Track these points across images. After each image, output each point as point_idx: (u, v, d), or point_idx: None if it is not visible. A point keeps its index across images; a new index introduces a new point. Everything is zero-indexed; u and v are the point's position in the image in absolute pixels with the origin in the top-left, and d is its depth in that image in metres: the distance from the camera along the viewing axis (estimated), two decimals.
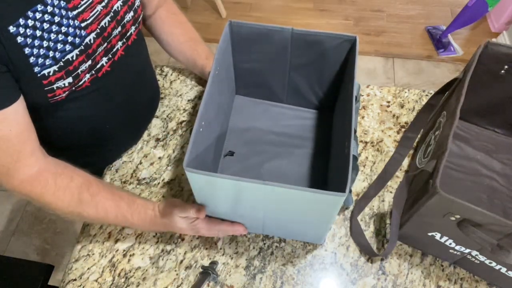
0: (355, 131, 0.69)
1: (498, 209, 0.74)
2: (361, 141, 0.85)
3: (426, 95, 0.92)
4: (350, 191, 0.73)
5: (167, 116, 0.90)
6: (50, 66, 0.57)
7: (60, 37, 0.57)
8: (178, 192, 0.79)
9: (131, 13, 0.68)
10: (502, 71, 0.72)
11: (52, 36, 0.56)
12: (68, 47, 0.58)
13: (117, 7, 0.65)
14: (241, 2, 2.41)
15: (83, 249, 0.73)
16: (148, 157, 0.84)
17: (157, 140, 0.87)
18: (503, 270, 0.62)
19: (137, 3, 0.70)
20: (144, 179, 0.81)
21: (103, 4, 0.62)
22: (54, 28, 0.56)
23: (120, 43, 0.68)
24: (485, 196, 0.76)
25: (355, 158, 0.54)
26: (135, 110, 0.81)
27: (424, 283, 0.69)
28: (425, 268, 0.70)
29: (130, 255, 0.72)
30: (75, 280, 0.70)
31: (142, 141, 0.86)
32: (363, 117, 0.89)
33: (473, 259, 0.64)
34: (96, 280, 0.70)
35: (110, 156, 0.83)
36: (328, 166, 0.77)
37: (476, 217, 0.53)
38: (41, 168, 0.60)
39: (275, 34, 0.69)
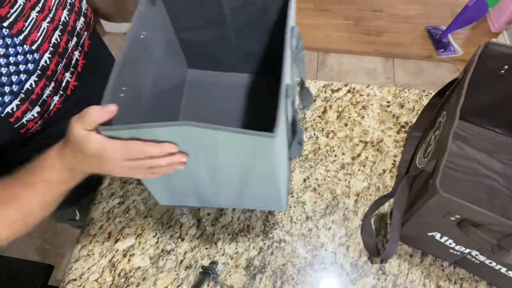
0: (303, 83, 0.65)
1: (498, 209, 0.74)
2: (361, 141, 0.85)
3: (426, 95, 0.92)
4: (301, 143, 0.64)
5: None
6: (11, 102, 0.53)
7: (12, 68, 0.52)
8: None
9: (82, 19, 0.64)
10: (502, 71, 0.72)
11: (3, 70, 0.51)
12: (23, 76, 0.54)
13: (65, 18, 0.61)
14: None
15: (83, 249, 0.73)
16: None
17: None
18: (503, 270, 0.62)
19: (84, 6, 0.65)
20: None
21: (48, 19, 0.58)
22: (2, 61, 0.51)
23: (76, 53, 0.64)
24: (485, 196, 0.76)
25: (290, 99, 0.49)
26: None
27: (424, 283, 0.69)
28: (425, 268, 0.70)
29: (130, 255, 0.72)
30: (75, 280, 0.70)
31: None
32: (363, 117, 0.89)
33: (473, 259, 0.64)
34: (96, 280, 0.70)
35: None
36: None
37: (476, 217, 0.53)
38: None
39: None
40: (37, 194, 0.52)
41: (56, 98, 0.60)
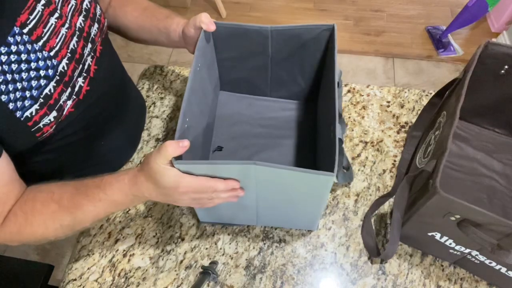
0: (341, 115, 0.71)
1: (498, 209, 0.74)
2: (361, 141, 0.85)
3: (426, 95, 0.92)
4: (349, 168, 0.75)
5: (167, 116, 0.90)
6: (31, 106, 0.54)
7: (32, 73, 0.53)
8: None
9: (96, 25, 0.65)
10: (502, 71, 0.72)
11: (24, 75, 0.53)
12: (43, 82, 0.55)
13: (80, 24, 0.61)
14: (241, 2, 2.41)
15: (83, 249, 0.73)
16: None
17: (157, 140, 0.87)
18: (503, 270, 0.62)
19: (98, 11, 0.67)
20: None
21: (67, 25, 0.58)
22: (24, 66, 0.52)
23: (89, 59, 0.65)
24: (485, 196, 0.76)
25: (341, 141, 0.56)
26: (124, 117, 0.80)
27: (424, 283, 0.69)
28: (425, 268, 0.70)
29: (130, 255, 0.72)
30: (75, 280, 0.70)
31: (142, 141, 0.86)
32: (363, 117, 0.89)
33: (473, 259, 0.64)
34: (96, 280, 0.70)
35: (115, 168, 0.83)
36: (316, 153, 0.79)
37: (476, 217, 0.53)
38: (13, 206, 0.57)
39: (254, 33, 0.70)
40: (96, 209, 0.56)
41: (69, 103, 0.61)
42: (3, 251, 1.58)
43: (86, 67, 0.64)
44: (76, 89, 0.62)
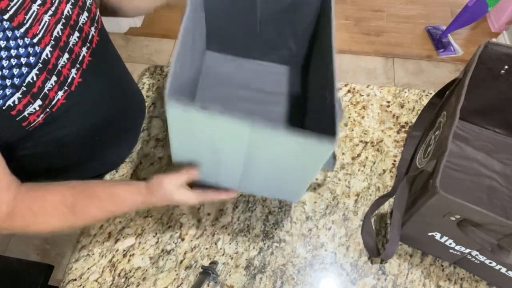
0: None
1: (498, 209, 0.74)
2: (361, 141, 0.85)
3: (426, 95, 0.92)
4: (335, 156, 0.70)
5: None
6: (13, 95, 0.53)
7: (13, 61, 0.52)
8: None
9: (85, 14, 0.64)
10: (502, 71, 0.72)
11: (4, 63, 0.51)
12: (25, 70, 0.54)
13: (68, 12, 0.60)
14: None
15: (83, 249, 0.73)
16: (148, 157, 0.84)
17: (157, 140, 0.87)
18: (503, 270, 0.62)
19: (89, 0, 0.66)
20: (144, 179, 0.81)
21: (50, 13, 0.58)
22: (3, 54, 0.51)
23: (84, 49, 0.64)
24: (485, 196, 0.76)
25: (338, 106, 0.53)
26: (122, 114, 0.79)
27: (424, 283, 0.69)
28: (425, 268, 0.70)
29: (130, 255, 0.72)
30: (75, 280, 0.70)
31: (142, 141, 0.86)
32: (363, 117, 0.89)
33: (473, 259, 0.64)
34: (96, 280, 0.70)
35: (111, 166, 0.83)
36: (303, 121, 0.76)
37: (476, 217, 0.53)
38: (17, 201, 0.56)
39: None
40: (106, 215, 0.63)
41: (60, 93, 0.60)
42: (3, 251, 1.58)
43: (80, 58, 0.63)
44: (69, 80, 0.61)
